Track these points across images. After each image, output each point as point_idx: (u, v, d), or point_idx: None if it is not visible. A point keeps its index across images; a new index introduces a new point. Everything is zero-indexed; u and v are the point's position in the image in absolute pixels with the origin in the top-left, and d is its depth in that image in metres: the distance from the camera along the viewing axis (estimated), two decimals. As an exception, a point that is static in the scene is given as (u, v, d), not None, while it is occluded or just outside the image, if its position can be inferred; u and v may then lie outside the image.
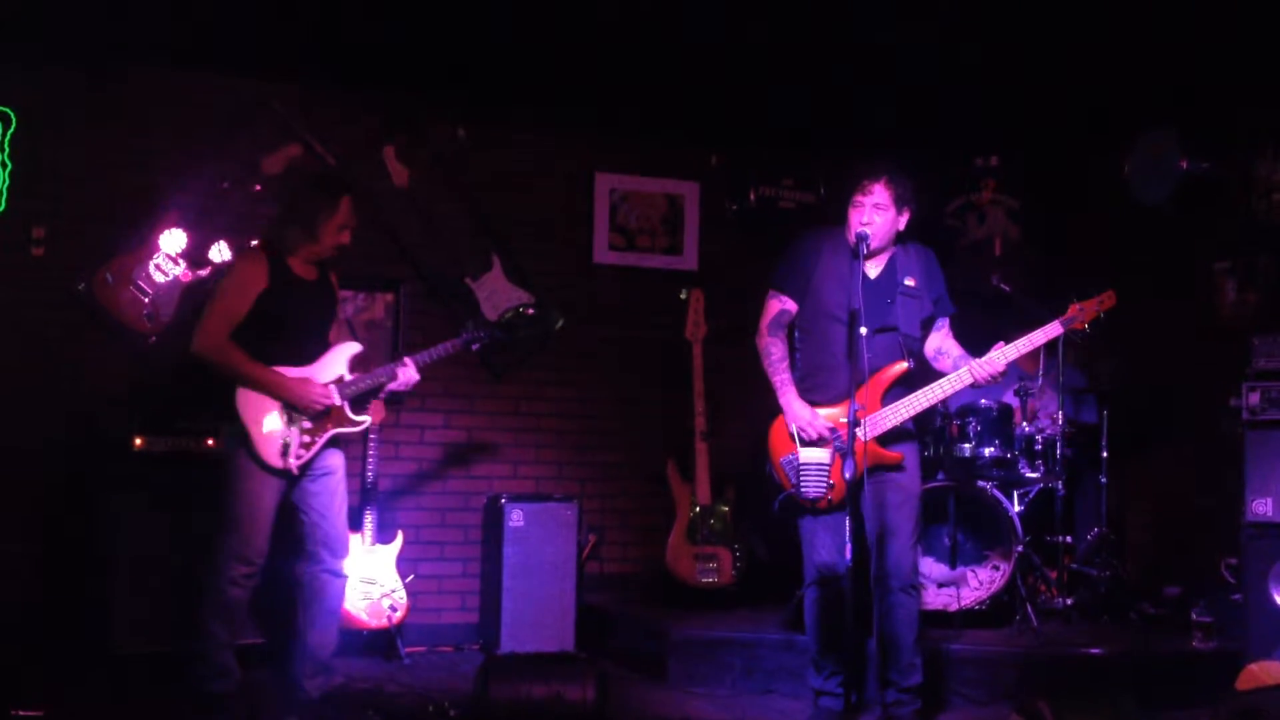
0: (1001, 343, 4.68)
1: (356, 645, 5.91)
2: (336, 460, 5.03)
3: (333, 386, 4.91)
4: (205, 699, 4.81)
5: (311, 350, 4.95)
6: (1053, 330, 4.72)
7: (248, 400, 4.78)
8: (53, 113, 5.97)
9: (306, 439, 4.85)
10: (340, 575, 5.06)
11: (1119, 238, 6.92)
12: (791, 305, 4.82)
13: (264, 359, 4.81)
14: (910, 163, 4.88)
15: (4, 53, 5.77)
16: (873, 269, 4.76)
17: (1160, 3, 5.28)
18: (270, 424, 4.79)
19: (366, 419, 5.03)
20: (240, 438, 4.79)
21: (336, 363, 4.98)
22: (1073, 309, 4.75)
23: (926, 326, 4.84)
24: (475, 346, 5.30)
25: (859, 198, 4.67)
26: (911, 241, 4.87)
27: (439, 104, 6.64)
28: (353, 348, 5.05)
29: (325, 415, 4.89)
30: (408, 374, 5.02)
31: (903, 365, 4.68)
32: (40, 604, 5.76)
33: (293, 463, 4.82)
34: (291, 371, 4.86)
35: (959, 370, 4.68)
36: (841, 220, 4.76)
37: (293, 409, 4.82)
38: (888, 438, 4.68)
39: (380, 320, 6.60)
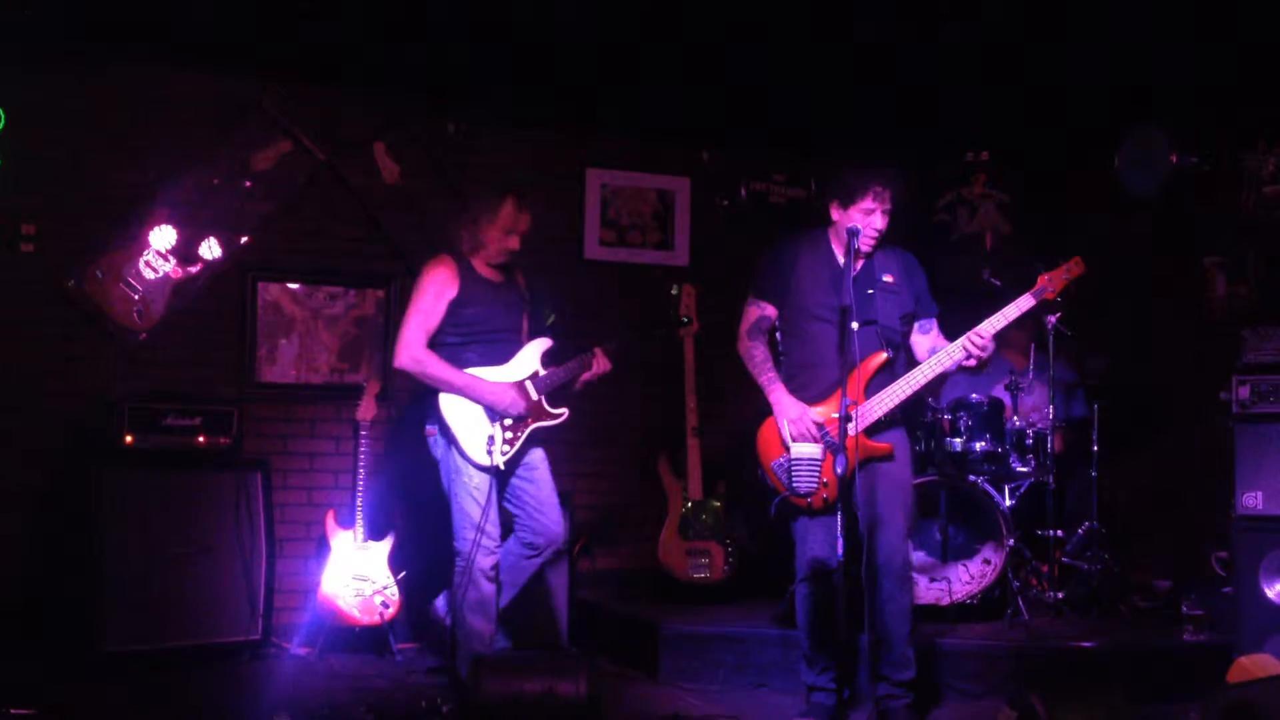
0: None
1: (349, 642, 5.91)
2: (539, 455, 5.21)
3: (528, 383, 5.10)
4: None
5: (505, 350, 5.13)
6: (1025, 303, 4.73)
7: (449, 403, 4.99)
8: (43, 109, 5.95)
9: (509, 435, 5.04)
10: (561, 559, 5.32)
11: (1109, 232, 6.93)
12: (771, 310, 4.86)
13: (461, 362, 5.02)
14: (901, 158, 4.89)
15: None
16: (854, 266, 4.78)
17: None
18: (475, 425, 4.99)
19: (564, 412, 5.19)
20: (450, 440, 5.00)
21: (530, 360, 5.15)
22: (1041, 280, 4.77)
23: (906, 322, 4.86)
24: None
25: (873, 203, 4.69)
26: (890, 244, 4.89)
27: (430, 100, 6.62)
28: (544, 344, 5.22)
29: (528, 411, 5.08)
30: (601, 364, 5.19)
31: (883, 355, 4.71)
32: (30, 602, 5.75)
33: (498, 459, 5.00)
34: (488, 373, 5.04)
35: (938, 353, 4.70)
36: (827, 219, 4.78)
37: (493, 410, 5.00)
38: (875, 428, 4.69)
39: (371, 317, 6.59)
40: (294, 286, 6.43)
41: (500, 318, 5.17)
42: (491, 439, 5.00)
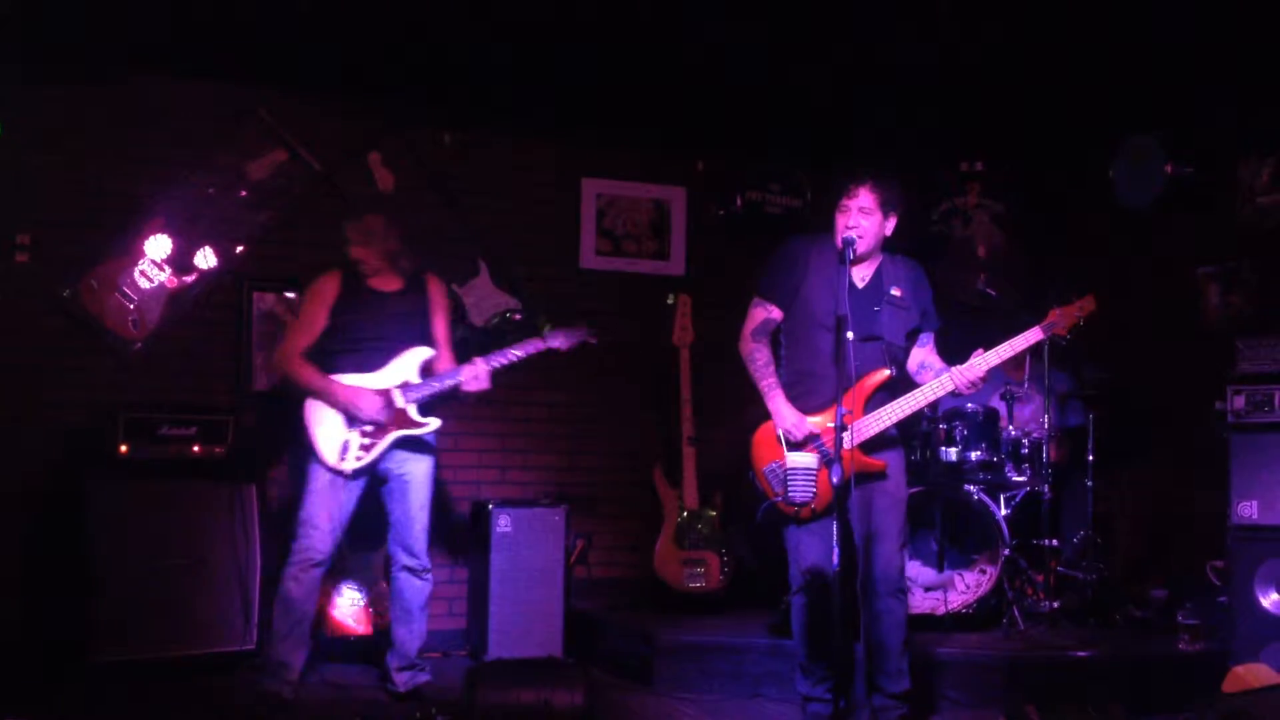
0: (981, 349, 4.68)
1: (344, 652, 5.90)
2: (418, 465, 5.21)
3: (395, 391, 5.09)
4: (257, 695, 5.05)
5: (383, 358, 5.13)
6: (1033, 336, 4.72)
7: (313, 407, 5.08)
8: (38, 119, 5.95)
9: (366, 441, 5.06)
10: (420, 576, 5.25)
11: (1104, 242, 6.94)
12: (776, 313, 4.81)
13: (334, 368, 5.08)
14: (896, 167, 4.88)
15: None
16: (860, 277, 4.76)
17: (1147, 8, 5.30)
18: (330, 427, 5.05)
19: (431, 422, 5.15)
20: (307, 443, 5.08)
21: (405, 368, 5.14)
22: (1053, 314, 4.76)
23: (911, 337, 4.83)
24: (564, 344, 5.35)
25: (845, 201, 4.67)
26: (900, 254, 4.87)
27: (426, 110, 6.63)
28: (422, 353, 5.20)
29: (388, 419, 5.07)
30: (473, 372, 5.12)
31: (885, 372, 4.68)
32: (25, 610, 5.73)
33: (349, 464, 5.04)
34: (355, 379, 5.07)
35: (940, 377, 4.68)
36: (828, 225, 4.76)
37: (348, 414, 5.05)
38: (871, 445, 4.68)
39: (367, 326, 6.58)
40: (290, 296, 6.42)
41: (381, 326, 5.16)
42: (347, 444, 5.04)
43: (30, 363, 5.93)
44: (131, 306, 6.08)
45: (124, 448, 5.60)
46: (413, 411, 5.12)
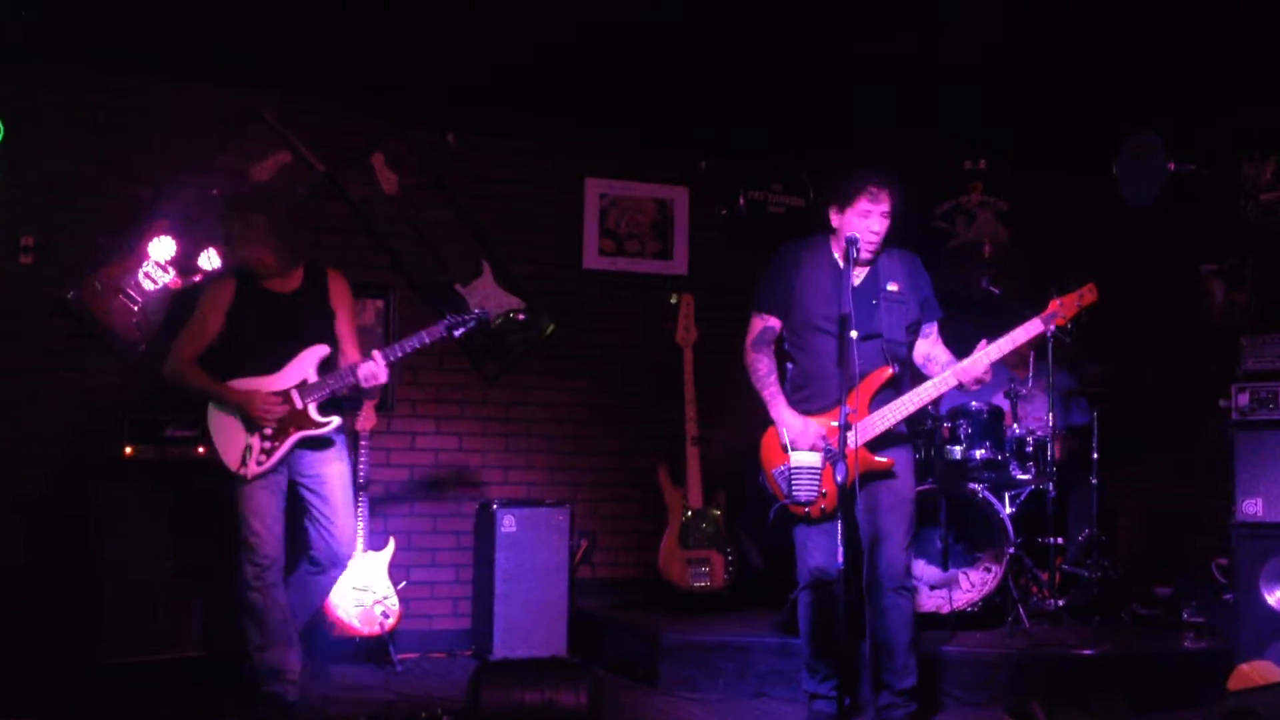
0: (985, 341, 4.67)
1: (349, 652, 5.91)
2: (330, 468, 5.09)
3: (294, 391, 4.98)
4: (259, 699, 4.99)
5: (280, 358, 5.03)
6: (1034, 327, 4.69)
7: (213, 413, 5.02)
8: (42, 121, 5.96)
9: (267, 445, 4.96)
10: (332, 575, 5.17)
11: (1108, 239, 6.94)
12: (775, 322, 4.82)
13: (236, 372, 5.01)
14: (899, 165, 4.88)
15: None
16: (856, 274, 4.75)
17: (1148, 6, 5.29)
18: (230, 433, 4.98)
19: (332, 421, 5.02)
20: (210, 448, 5.02)
21: (303, 367, 5.01)
22: (1053, 304, 4.73)
23: (913, 331, 4.82)
24: (459, 332, 5.11)
25: (869, 205, 4.62)
26: (894, 247, 4.86)
27: (429, 111, 6.63)
28: (319, 351, 5.06)
29: (288, 420, 4.97)
30: (370, 369, 4.93)
31: (888, 371, 4.68)
32: (30, 612, 5.74)
33: (250, 469, 4.96)
34: (245, 383, 4.99)
35: (944, 373, 4.68)
36: (827, 226, 4.76)
37: (247, 418, 4.97)
38: (878, 443, 4.67)
39: (371, 326, 6.58)
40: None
41: (278, 328, 5.04)
42: (247, 449, 4.96)
43: (34, 365, 5.94)
44: (135, 308, 6.08)
45: (128, 449, 5.60)
46: (313, 411, 4.99)
